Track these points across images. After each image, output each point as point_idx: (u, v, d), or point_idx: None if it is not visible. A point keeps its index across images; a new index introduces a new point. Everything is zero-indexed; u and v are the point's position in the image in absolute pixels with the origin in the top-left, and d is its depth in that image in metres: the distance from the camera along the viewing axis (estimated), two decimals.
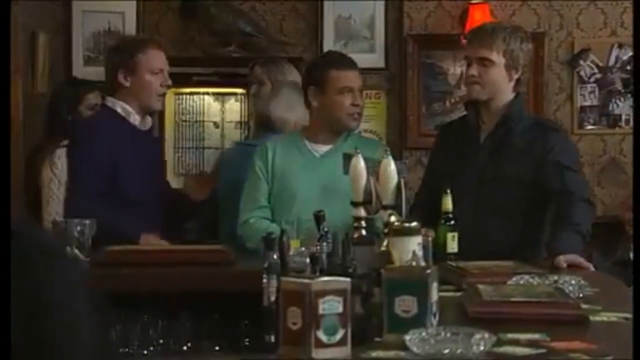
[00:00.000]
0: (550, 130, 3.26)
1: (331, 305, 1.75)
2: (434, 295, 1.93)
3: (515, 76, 3.17)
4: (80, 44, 5.27)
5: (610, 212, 5.07)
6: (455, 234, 2.98)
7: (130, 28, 5.20)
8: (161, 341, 2.84)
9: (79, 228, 2.93)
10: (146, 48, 3.38)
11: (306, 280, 1.77)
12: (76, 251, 2.89)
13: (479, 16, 4.91)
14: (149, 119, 3.46)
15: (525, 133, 3.18)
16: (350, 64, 3.38)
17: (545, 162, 3.12)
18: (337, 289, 1.77)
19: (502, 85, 3.16)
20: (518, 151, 3.15)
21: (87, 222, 2.95)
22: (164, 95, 3.46)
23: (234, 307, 2.86)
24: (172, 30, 5.22)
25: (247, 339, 2.86)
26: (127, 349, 2.84)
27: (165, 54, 3.46)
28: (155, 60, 3.38)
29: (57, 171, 4.00)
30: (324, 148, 3.38)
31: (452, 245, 2.99)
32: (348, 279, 1.83)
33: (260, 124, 3.79)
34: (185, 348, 2.86)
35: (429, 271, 1.93)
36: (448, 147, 3.22)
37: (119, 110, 3.38)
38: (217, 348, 2.87)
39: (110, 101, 3.41)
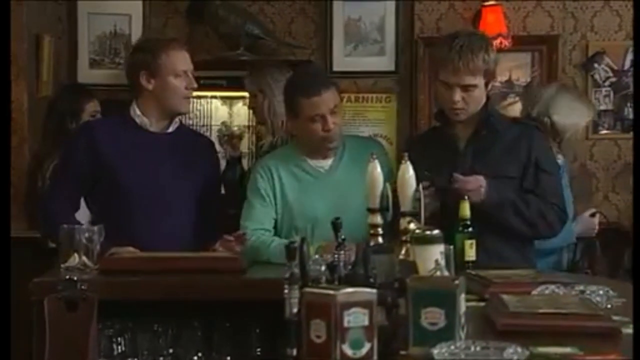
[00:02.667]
0: (532, 128, 3.29)
1: (357, 318, 1.69)
2: (462, 306, 1.85)
3: (490, 86, 3.20)
4: (85, 46, 5.21)
5: (624, 218, 5.00)
6: (473, 241, 2.93)
7: (137, 30, 5.14)
8: (171, 350, 2.82)
9: (86, 235, 2.88)
10: (169, 49, 3.25)
11: (331, 292, 1.70)
12: (84, 258, 2.84)
13: (491, 18, 4.87)
14: (170, 122, 3.31)
15: (507, 131, 3.20)
16: (318, 87, 3.19)
17: (528, 161, 3.15)
18: (363, 301, 1.71)
19: (482, 99, 3.19)
20: (503, 149, 3.16)
21: (95, 228, 2.91)
22: (189, 98, 3.32)
23: (246, 316, 2.84)
24: (178, 32, 5.14)
25: (258, 349, 2.84)
26: (135, 359, 2.79)
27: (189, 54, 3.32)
28: (179, 61, 3.25)
29: None
30: (327, 162, 3.32)
31: (470, 253, 2.93)
32: (374, 290, 1.76)
33: None
34: (195, 358, 2.84)
35: (457, 282, 1.85)
36: (426, 160, 3.07)
37: (132, 113, 3.28)
38: (228, 358, 2.84)
39: (132, 107, 3.29)
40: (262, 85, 4.06)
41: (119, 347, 2.80)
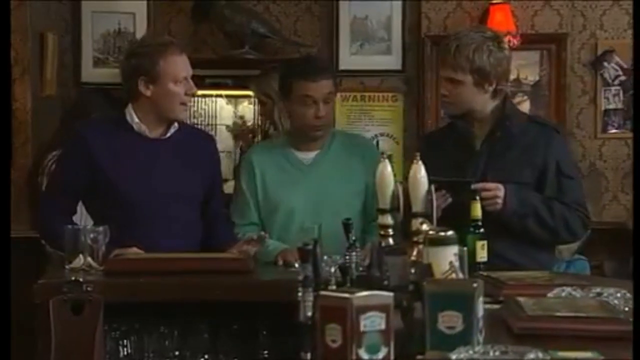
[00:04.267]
0: (551, 130, 3.22)
1: (373, 322, 1.65)
2: (480, 310, 1.81)
3: (490, 88, 3.12)
4: (89, 45, 5.17)
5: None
6: (485, 242, 2.88)
7: (141, 29, 5.10)
8: (177, 353, 2.78)
9: (92, 236, 2.84)
10: (167, 54, 3.11)
11: (346, 295, 1.65)
12: (89, 259, 2.80)
13: (500, 17, 4.83)
14: (168, 127, 3.21)
15: (524, 133, 3.15)
16: (316, 71, 3.28)
17: (546, 165, 3.10)
18: (380, 304, 1.66)
19: (475, 99, 3.12)
20: (519, 153, 3.11)
21: (101, 229, 2.87)
22: (187, 104, 3.22)
23: (253, 317, 2.80)
24: (183, 31, 5.11)
25: (265, 351, 2.81)
26: None
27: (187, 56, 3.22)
28: (179, 67, 3.13)
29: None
30: (311, 155, 3.35)
31: (482, 254, 2.88)
32: (390, 294, 1.71)
33: None
34: None
35: (475, 284, 1.80)
36: (440, 156, 3.09)
37: (128, 118, 3.18)
38: None
39: (128, 111, 3.19)
40: (268, 90, 4.05)
41: (125, 350, 2.77)
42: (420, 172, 2.36)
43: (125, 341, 2.76)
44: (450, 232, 2.11)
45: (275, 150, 3.38)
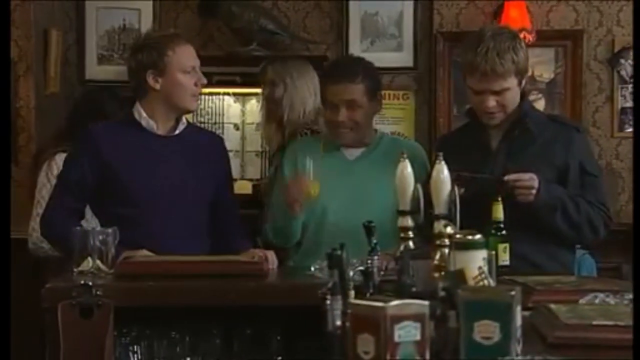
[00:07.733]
0: (572, 129, 3.16)
1: (408, 332, 1.57)
2: (518, 319, 1.72)
3: (524, 83, 3.08)
4: (94, 42, 5.12)
5: None
6: (507, 245, 2.82)
7: (147, 25, 5.05)
8: (188, 359, 2.74)
9: (101, 237, 2.79)
10: (175, 45, 3.10)
11: (380, 304, 1.56)
12: (98, 262, 2.73)
13: (514, 13, 4.78)
14: (177, 124, 3.18)
15: (543, 132, 3.08)
16: (340, 76, 3.24)
17: (567, 166, 3.04)
18: (415, 314, 1.57)
19: (517, 99, 3.07)
20: (537, 151, 3.05)
21: (110, 231, 2.81)
22: (198, 95, 3.18)
23: (267, 322, 2.74)
24: (190, 27, 5.05)
25: (279, 357, 2.76)
26: None
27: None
28: (186, 57, 3.12)
29: (51, 177, 3.82)
30: (357, 152, 3.33)
31: (504, 257, 2.82)
32: (426, 303, 1.62)
33: None
34: None
35: (513, 293, 1.71)
36: (458, 156, 2.99)
37: (136, 116, 3.14)
38: None
39: (136, 109, 3.15)
40: (285, 75, 3.93)
41: (135, 355, 2.71)
42: (443, 172, 2.29)
43: (135, 347, 2.71)
44: (478, 236, 2.04)
45: (322, 142, 3.36)
